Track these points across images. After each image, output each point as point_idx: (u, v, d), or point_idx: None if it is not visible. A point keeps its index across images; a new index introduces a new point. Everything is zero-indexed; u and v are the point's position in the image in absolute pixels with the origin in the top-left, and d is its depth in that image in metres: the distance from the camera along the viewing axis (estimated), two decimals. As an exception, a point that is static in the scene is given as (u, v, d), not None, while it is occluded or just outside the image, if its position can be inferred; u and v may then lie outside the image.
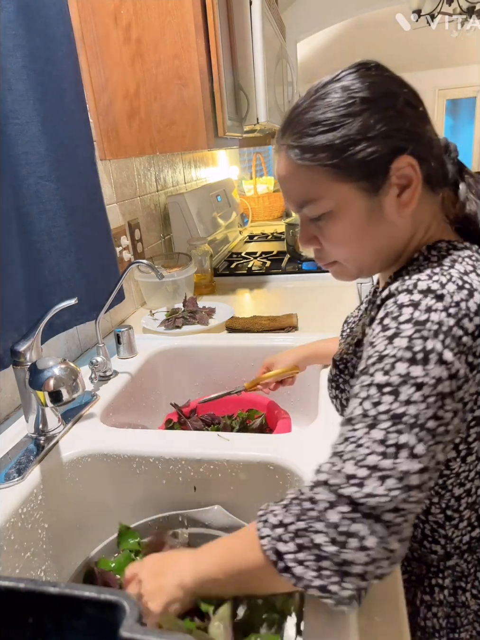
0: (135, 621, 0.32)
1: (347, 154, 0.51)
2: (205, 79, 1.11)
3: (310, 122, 0.52)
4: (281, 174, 0.57)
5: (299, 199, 0.56)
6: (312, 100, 0.53)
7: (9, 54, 0.79)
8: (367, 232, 0.55)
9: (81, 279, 0.96)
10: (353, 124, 0.51)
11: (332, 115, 0.51)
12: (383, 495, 0.42)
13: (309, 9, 3.75)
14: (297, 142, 0.53)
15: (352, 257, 0.58)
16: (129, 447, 0.75)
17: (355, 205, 0.53)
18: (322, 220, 0.56)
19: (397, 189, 0.53)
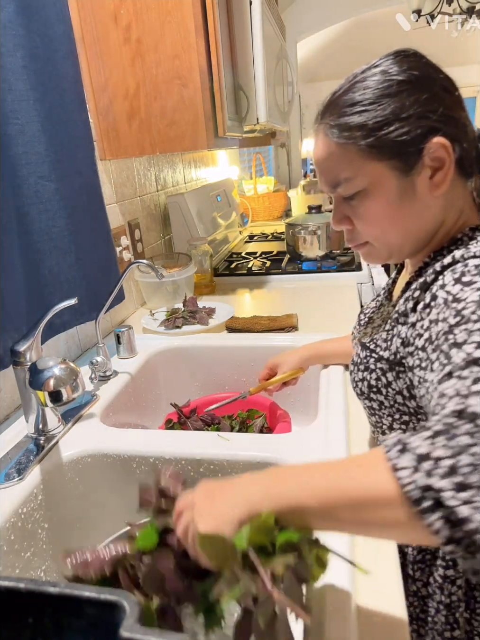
0: (135, 621, 0.32)
1: (381, 133, 0.53)
2: (205, 79, 1.11)
3: (348, 102, 0.55)
4: (318, 153, 0.59)
5: (334, 177, 0.58)
6: (351, 83, 0.56)
7: (9, 53, 0.79)
8: (399, 212, 0.56)
9: (81, 279, 0.96)
10: (389, 105, 0.53)
11: (369, 96, 0.54)
12: None
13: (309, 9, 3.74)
14: (335, 122, 0.55)
15: (383, 237, 0.59)
16: (129, 447, 0.75)
17: (389, 184, 0.55)
18: (355, 200, 0.57)
19: (430, 170, 0.54)
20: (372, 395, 0.64)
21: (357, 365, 0.67)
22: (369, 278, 1.55)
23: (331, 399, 0.82)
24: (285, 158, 4.31)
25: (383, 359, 0.62)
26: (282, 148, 4.22)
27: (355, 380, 0.68)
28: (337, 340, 0.95)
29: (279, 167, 4.28)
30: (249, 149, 3.16)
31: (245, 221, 2.57)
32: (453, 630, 0.63)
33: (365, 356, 0.66)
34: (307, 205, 1.82)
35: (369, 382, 0.64)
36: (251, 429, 0.95)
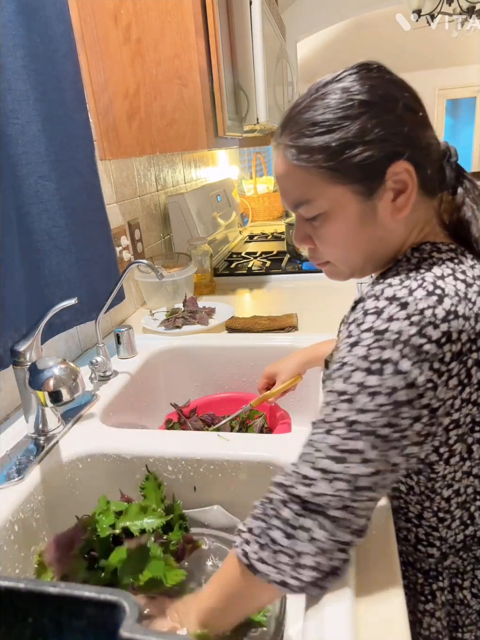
0: (135, 621, 0.32)
1: (343, 157, 0.51)
2: (205, 79, 1.11)
3: (308, 122, 0.52)
4: (278, 172, 0.57)
5: (295, 198, 0.56)
6: (311, 99, 0.53)
7: (8, 53, 0.79)
8: (360, 235, 0.55)
9: (81, 279, 0.96)
10: (351, 127, 0.50)
11: (330, 116, 0.51)
12: (330, 495, 0.45)
13: (309, 9, 3.74)
14: (294, 142, 0.53)
15: (343, 258, 0.59)
16: (129, 447, 0.75)
17: (350, 207, 0.54)
18: (316, 221, 0.56)
19: (392, 193, 0.53)
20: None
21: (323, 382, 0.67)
22: (369, 278, 1.55)
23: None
24: (285, 158, 4.31)
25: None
26: (282, 148, 4.21)
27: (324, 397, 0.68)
28: (333, 342, 0.95)
29: (279, 167, 4.28)
30: (249, 148, 3.16)
31: (245, 221, 2.57)
32: None
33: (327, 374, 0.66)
34: (307, 205, 1.81)
35: None
36: (251, 429, 0.95)
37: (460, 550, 0.61)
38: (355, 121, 0.50)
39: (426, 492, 0.58)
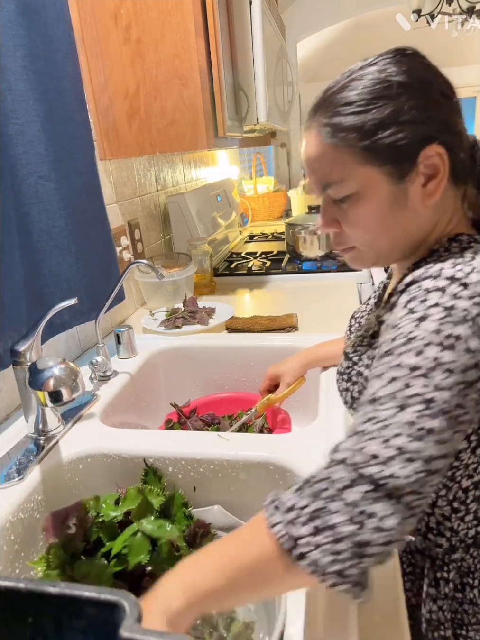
0: (135, 621, 0.32)
1: (376, 137, 0.51)
2: (205, 79, 1.10)
3: (343, 101, 0.52)
4: (309, 152, 0.56)
5: (325, 179, 0.56)
6: (347, 80, 0.53)
7: (8, 53, 0.79)
8: (389, 218, 0.55)
9: (81, 279, 0.96)
10: (386, 108, 0.50)
11: (365, 96, 0.51)
12: (407, 477, 0.40)
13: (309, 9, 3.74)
14: (329, 121, 0.53)
15: (371, 242, 0.58)
16: (129, 447, 0.75)
17: (380, 189, 0.53)
18: (345, 203, 0.55)
19: (423, 177, 0.53)
20: (355, 407, 0.64)
21: (341, 375, 0.67)
22: (369, 278, 1.55)
23: (331, 399, 0.82)
24: (285, 158, 4.31)
25: (362, 375, 0.61)
26: (282, 148, 4.22)
27: (340, 389, 0.68)
28: (335, 343, 0.95)
29: (279, 167, 4.28)
30: (249, 148, 3.16)
31: (245, 221, 2.57)
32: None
33: (347, 367, 0.65)
34: (307, 205, 1.82)
35: (352, 394, 0.64)
36: (251, 429, 0.95)
37: (470, 547, 0.61)
38: (390, 102, 0.50)
39: (444, 481, 0.57)
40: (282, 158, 4.30)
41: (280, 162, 4.29)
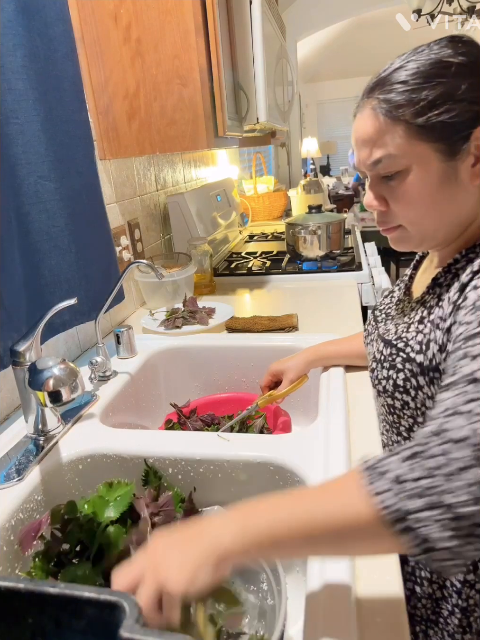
0: (135, 621, 0.32)
1: (431, 114, 0.52)
2: (205, 79, 1.10)
3: (400, 79, 0.54)
4: (363, 128, 0.57)
5: (376, 154, 0.56)
6: (403, 62, 0.55)
7: (8, 53, 0.79)
8: (438, 196, 0.56)
9: (81, 279, 0.95)
10: (441, 86, 0.52)
11: (421, 75, 0.53)
12: None
13: (309, 8, 3.74)
14: (385, 96, 0.54)
15: (418, 220, 0.58)
16: (129, 448, 0.75)
17: (431, 166, 0.54)
18: (394, 180, 0.57)
19: (474, 158, 0.54)
20: (397, 395, 0.63)
21: (380, 363, 0.65)
22: (370, 278, 1.55)
23: (331, 399, 0.82)
24: (285, 158, 4.31)
25: (415, 362, 0.60)
26: (282, 148, 4.22)
27: (379, 377, 0.66)
28: (339, 342, 0.95)
29: (279, 166, 4.28)
30: (249, 148, 3.16)
31: (245, 221, 2.57)
32: (465, 634, 0.63)
33: (390, 353, 0.64)
34: (307, 205, 1.81)
35: (395, 381, 0.63)
36: (251, 429, 0.95)
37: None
38: (446, 81, 0.52)
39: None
40: (282, 158, 4.30)
41: (280, 162, 4.29)
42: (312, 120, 6.86)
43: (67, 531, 0.60)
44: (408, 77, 0.53)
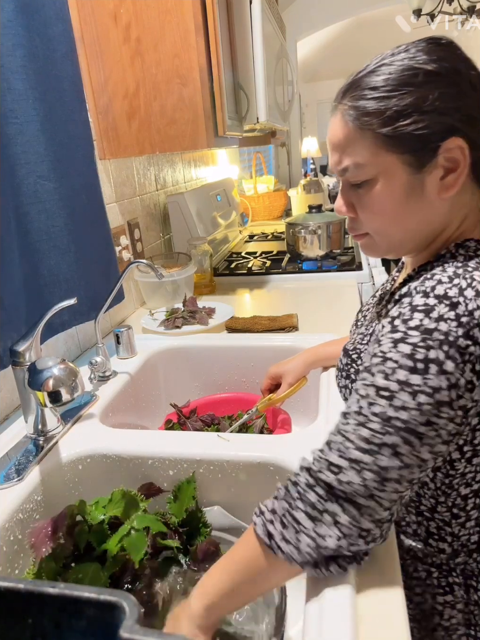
0: (135, 622, 0.32)
1: (398, 124, 0.51)
2: (205, 78, 1.10)
3: (370, 85, 0.52)
4: (333, 134, 0.57)
5: (345, 161, 0.56)
6: (376, 65, 0.53)
7: (8, 53, 0.79)
8: (404, 208, 0.55)
9: (80, 279, 0.95)
10: (410, 95, 0.50)
11: (391, 82, 0.51)
12: (357, 484, 0.46)
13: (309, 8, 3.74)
14: (353, 103, 0.53)
15: (384, 230, 0.58)
16: (129, 448, 0.75)
17: (398, 177, 0.53)
18: (362, 188, 0.56)
19: (442, 170, 0.52)
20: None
21: (340, 372, 0.67)
22: (370, 278, 1.55)
23: (331, 400, 0.82)
24: (285, 157, 4.31)
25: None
26: (282, 147, 4.22)
27: (339, 385, 0.68)
28: (338, 342, 0.95)
29: (279, 166, 4.28)
30: (249, 148, 3.16)
31: (245, 221, 2.57)
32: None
33: (346, 363, 0.66)
34: (307, 205, 1.81)
35: (350, 390, 0.64)
36: (251, 430, 0.95)
37: (473, 552, 0.61)
38: (416, 90, 0.50)
39: (442, 488, 0.58)
40: (282, 157, 4.30)
41: (280, 162, 4.29)
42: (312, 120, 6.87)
43: (76, 533, 0.60)
44: (378, 83, 0.52)
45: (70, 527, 0.60)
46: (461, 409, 0.46)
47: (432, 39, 0.53)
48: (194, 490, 0.69)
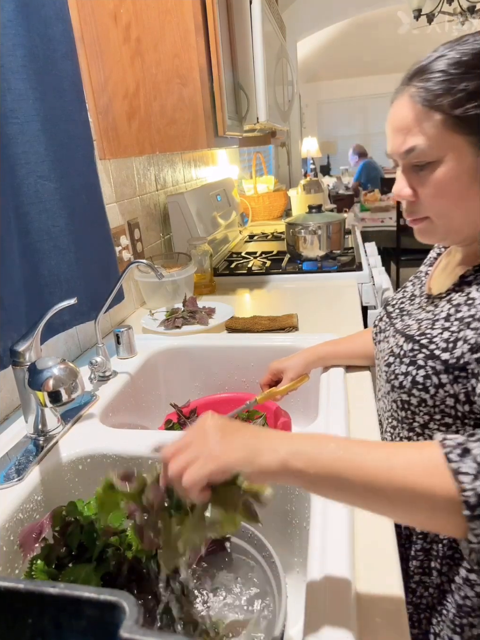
0: (135, 622, 0.32)
1: (469, 105, 0.52)
2: (205, 78, 1.10)
3: (439, 69, 0.53)
4: (398, 116, 0.57)
5: (410, 143, 0.56)
6: (446, 49, 0.54)
7: (8, 53, 0.79)
8: (468, 190, 0.55)
9: (80, 279, 0.95)
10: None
11: (462, 65, 0.52)
12: None
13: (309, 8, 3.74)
14: (424, 85, 0.54)
15: (446, 213, 0.58)
16: (129, 448, 0.75)
17: (464, 159, 0.54)
18: (425, 170, 0.56)
19: None
20: (415, 392, 0.62)
21: (399, 358, 0.64)
22: (370, 278, 1.55)
23: (332, 400, 0.82)
24: (285, 157, 4.31)
25: (439, 359, 0.59)
26: (282, 147, 4.22)
27: (396, 372, 0.64)
28: (338, 342, 0.95)
29: (279, 166, 4.28)
30: (249, 148, 3.16)
31: (245, 221, 2.57)
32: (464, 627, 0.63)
33: (412, 349, 0.63)
34: (307, 205, 1.81)
35: (414, 378, 0.62)
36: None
37: None
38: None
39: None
40: (282, 157, 4.30)
41: (280, 162, 4.29)
42: (312, 120, 6.86)
43: (67, 533, 0.60)
44: (448, 66, 0.52)
45: (63, 528, 0.60)
46: None
47: None
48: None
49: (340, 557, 0.51)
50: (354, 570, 0.50)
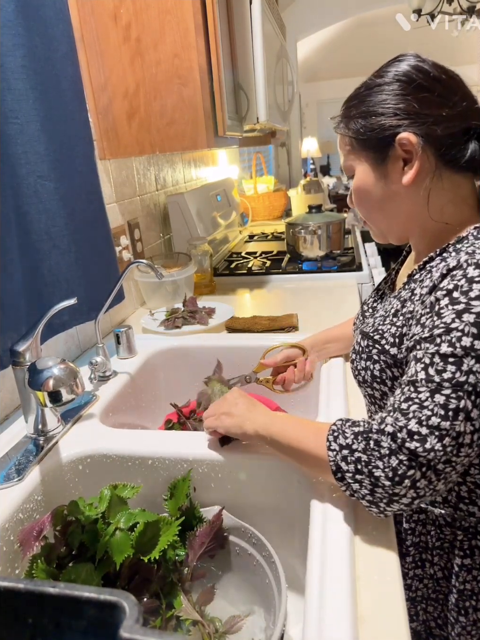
0: (135, 622, 0.32)
1: (361, 126, 0.62)
2: (205, 78, 1.10)
3: (351, 96, 0.66)
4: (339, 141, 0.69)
5: (342, 162, 0.69)
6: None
7: (8, 53, 0.79)
8: (376, 197, 0.65)
9: (80, 279, 0.95)
10: (371, 101, 0.62)
11: (356, 96, 0.64)
12: (439, 451, 0.49)
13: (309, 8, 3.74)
14: (340, 114, 0.67)
15: (368, 217, 0.70)
16: (129, 448, 0.75)
17: (367, 171, 0.65)
18: (352, 181, 0.68)
19: (401, 161, 0.61)
20: (375, 385, 0.66)
21: (358, 354, 0.69)
22: (370, 278, 1.55)
23: (332, 395, 0.82)
24: (285, 157, 4.32)
25: (389, 354, 0.63)
26: (282, 147, 4.22)
27: (358, 368, 0.69)
28: (338, 327, 0.99)
29: (279, 166, 4.28)
30: (249, 148, 3.16)
31: (245, 221, 2.57)
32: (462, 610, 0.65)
33: (367, 345, 0.67)
34: (307, 205, 1.82)
35: (372, 372, 0.66)
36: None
37: None
38: (375, 96, 0.62)
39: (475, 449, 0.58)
40: (282, 157, 4.30)
41: (280, 162, 4.29)
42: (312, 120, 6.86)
43: (68, 533, 0.60)
44: (349, 98, 0.66)
45: (64, 527, 0.60)
46: None
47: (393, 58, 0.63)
48: (187, 488, 0.69)
49: (341, 557, 0.51)
50: (354, 569, 0.50)
